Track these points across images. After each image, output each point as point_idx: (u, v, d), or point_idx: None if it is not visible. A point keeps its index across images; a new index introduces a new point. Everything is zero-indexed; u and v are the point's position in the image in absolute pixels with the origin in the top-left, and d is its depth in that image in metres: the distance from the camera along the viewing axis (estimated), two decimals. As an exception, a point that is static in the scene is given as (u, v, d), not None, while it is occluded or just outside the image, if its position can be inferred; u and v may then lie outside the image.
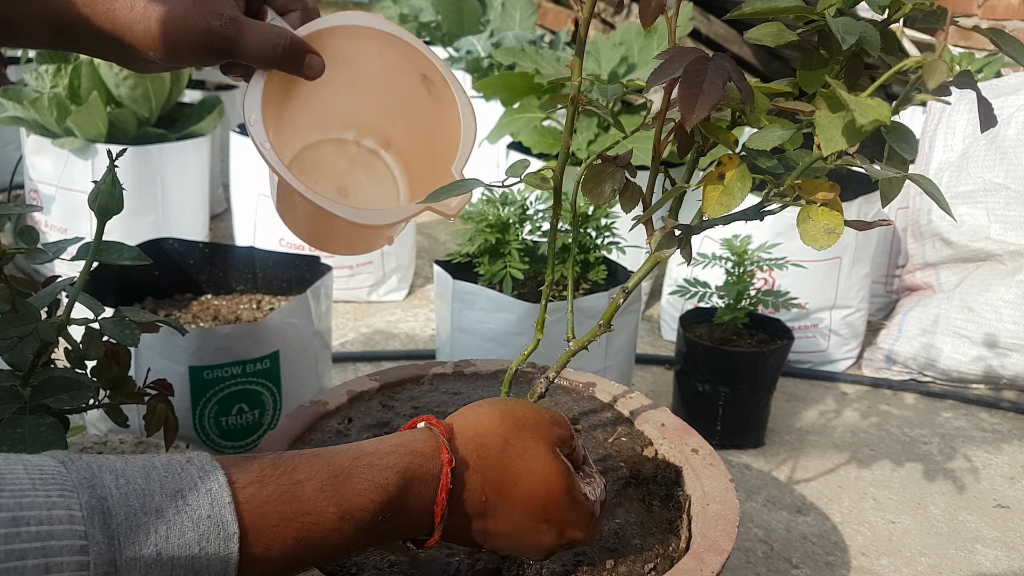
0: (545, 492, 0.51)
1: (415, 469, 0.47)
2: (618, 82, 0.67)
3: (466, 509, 0.49)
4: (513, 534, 0.51)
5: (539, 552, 0.52)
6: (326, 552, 0.43)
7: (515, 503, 0.50)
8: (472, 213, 1.19)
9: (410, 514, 0.47)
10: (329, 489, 0.43)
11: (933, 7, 0.47)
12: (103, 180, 0.60)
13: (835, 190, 0.48)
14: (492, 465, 0.50)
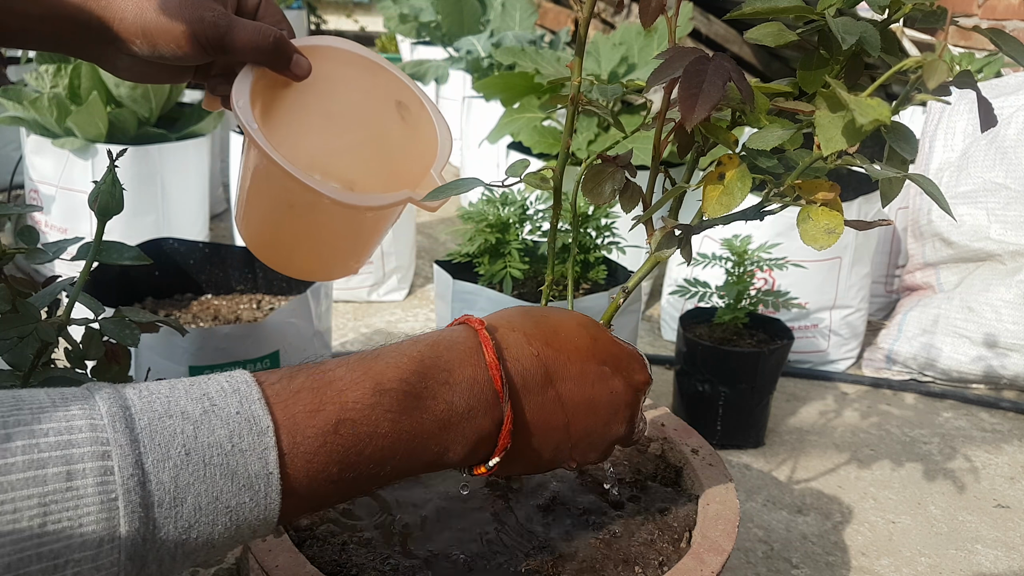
0: (585, 328, 0.49)
1: (447, 338, 0.45)
2: (618, 82, 0.67)
3: (525, 371, 0.46)
4: (586, 394, 0.48)
5: (618, 420, 0.49)
6: (379, 442, 0.40)
7: (567, 350, 0.47)
8: (472, 213, 1.19)
9: (460, 386, 0.43)
10: (359, 367, 0.41)
11: (933, 7, 0.47)
12: (103, 180, 0.60)
13: (835, 190, 0.48)
14: (526, 325, 0.48)
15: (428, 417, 0.42)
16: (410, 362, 0.43)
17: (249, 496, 0.36)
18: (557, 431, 0.47)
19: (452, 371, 0.44)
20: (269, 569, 0.53)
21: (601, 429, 0.49)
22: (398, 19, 3.44)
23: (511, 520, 0.62)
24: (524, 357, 0.46)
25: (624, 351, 0.51)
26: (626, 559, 0.58)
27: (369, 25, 7.13)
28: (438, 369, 0.43)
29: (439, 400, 0.43)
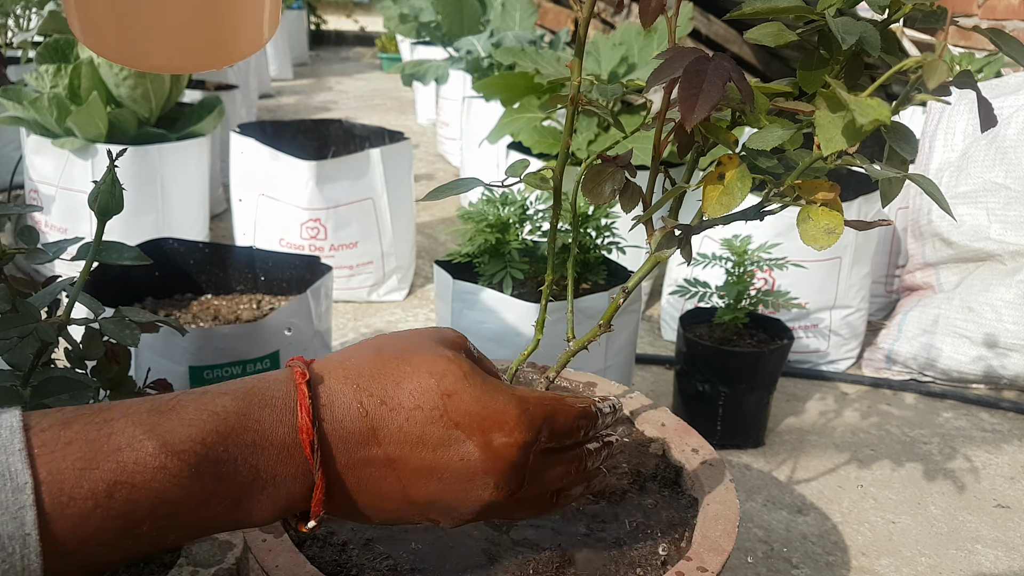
0: (438, 382, 0.41)
1: (260, 390, 0.39)
2: (618, 82, 0.67)
3: (346, 432, 0.40)
4: (427, 460, 0.41)
5: (476, 487, 0.42)
6: (166, 509, 0.35)
7: (406, 408, 0.41)
8: (472, 213, 1.19)
9: (268, 450, 0.38)
10: (148, 422, 0.35)
11: (933, 7, 0.47)
12: (103, 180, 0.60)
13: (835, 190, 0.48)
14: (364, 373, 0.41)
15: (227, 484, 0.37)
16: (211, 419, 0.37)
17: (1, 558, 0.31)
18: (392, 497, 0.42)
19: (261, 432, 0.38)
20: (269, 569, 0.53)
21: (452, 497, 0.42)
22: (398, 19, 3.44)
23: (512, 523, 0.62)
24: (349, 417, 0.40)
25: (488, 410, 0.42)
26: (627, 560, 0.58)
27: (369, 25, 7.13)
28: (244, 430, 0.38)
29: (241, 465, 0.37)
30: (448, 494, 0.42)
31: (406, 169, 1.80)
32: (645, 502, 0.66)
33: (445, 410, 0.41)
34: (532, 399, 0.44)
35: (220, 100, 1.98)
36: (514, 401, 0.43)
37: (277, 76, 4.85)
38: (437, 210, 2.53)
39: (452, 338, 0.47)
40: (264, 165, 1.71)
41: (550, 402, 0.45)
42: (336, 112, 4.04)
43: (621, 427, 0.76)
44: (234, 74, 2.93)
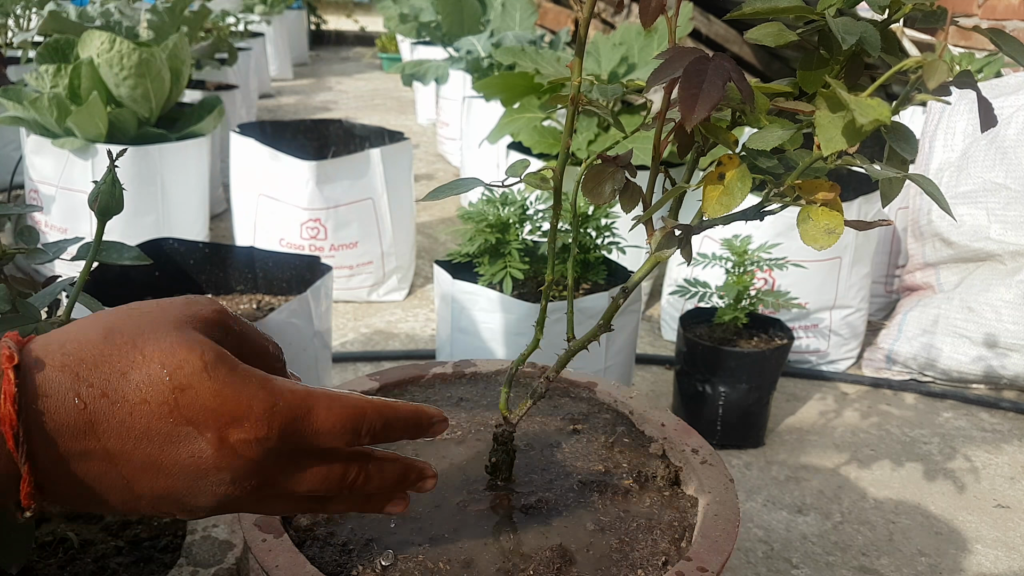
0: (171, 374, 0.38)
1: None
2: (618, 82, 0.67)
3: (60, 426, 0.36)
4: (152, 456, 0.38)
5: (210, 483, 0.39)
6: None
7: (130, 402, 0.37)
8: (472, 213, 1.19)
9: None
10: None
11: (933, 7, 0.47)
12: (103, 180, 0.60)
13: (835, 190, 0.48)
14: (87, 360, 0.37)
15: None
16: None
17: None
18: (115, 490, 0.38)
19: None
20: (269, 569, 0.53)
21: (184, 492, 0.39)
22: (398, 19, 3.44)
23: (512, 523, 0.62)
24: (63, 410, 0.36)
25: (227, 405, 0.38)
26: (627, 560, 0.58)
27: (369, 25, 7.13)
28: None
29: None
30: (178, 489, 0.39)
31: (406, 169, 1.80)
32: (645, 502, 0.66)
33: (176, 405, 0.38)
34: (287, 393, 0.40)
35: (220, 100, 1.98)
36: (262, 395, 0.39)
37: (277, 76, 4.85)
38: (437, 210, 2.53)
39: (204, 315, 0.41)
40: (264, 165, 1.71)
41: (311, 399, 0.40)
42: (336, 112, 4.04)
43: (621, 427, 0.76)
44: (234, 74, 2.93)
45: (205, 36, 2.79)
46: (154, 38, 2.19)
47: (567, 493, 0.65)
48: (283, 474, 0.41)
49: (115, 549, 0.70)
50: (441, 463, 0.68)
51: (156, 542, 0.72)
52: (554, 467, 0.69)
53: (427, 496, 0.64)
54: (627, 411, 0.78)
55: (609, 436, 0.74)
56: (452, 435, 0.73)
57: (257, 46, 3.89)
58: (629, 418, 0.77)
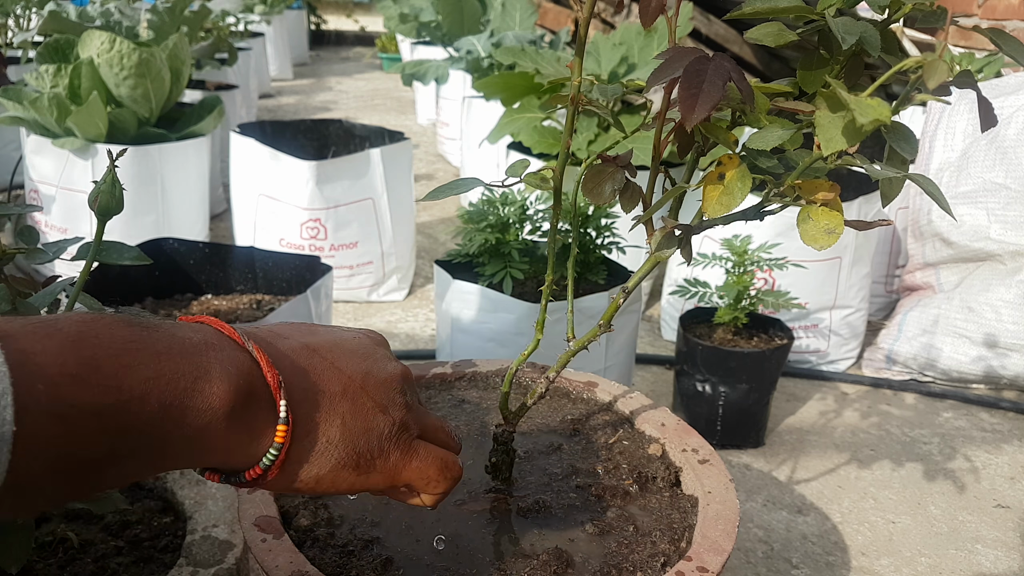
0: (359, 343, 0.47)
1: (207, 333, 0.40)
2: (618, 82, 0.67)
3: (276, 335, 0.43)
4: (353, 350, 0.46)
5: (393, 391, 0.46)
6: (116, 344, 0.35)
7: (340, 361, 0.45)
8: (472, 213, 1.19)
9: (206, 328, 0.40)
10: None
11: (933, 7, 0.47)
12: (103, 180, 0.60)
13: (835, 190, 0.48)
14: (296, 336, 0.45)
15: (178, 338, 0.37)
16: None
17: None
18: (326, 373, 0.44)
19: (194, 327, 0.40)
20: (269, 569, 0.53)
21: (377, 368, 0.47)
22: (398, 19, 3.44)
23: (511, 525, 0.62)
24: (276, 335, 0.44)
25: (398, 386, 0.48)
26: (627, 560, 0.58)
27: (369, 25, 7.13)
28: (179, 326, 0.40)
29: (187, 330, 0.39)
30: (374, 367, 0.46)
31: (406, 169, 1.80)
32: (645, 502, 0.66)
33: (374, 344, 0.49)
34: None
35: (220, 100, 1.98)
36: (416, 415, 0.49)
37: (277, 76, 4.85)
38: (437, 210, 2.53)
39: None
40: (264, 165, 1.71)
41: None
42: (336, 112, 4.04)
43: (621, 427, 0.76)
44: (234, 74, 2.93)
45: (205, 36, 2.79)
46: (154, 38, 2.19)
47: (567, 494, 0.65)
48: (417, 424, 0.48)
49: (115, 549, 0.70)
50: (441, 463, 0.68)
51: (156, 542, 0.72)
52: (554, 468, 0.69)
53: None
54: (627, 411, 0.78)
55: (609, 436, 0.74)
56: (452, 435, 0.73)
57: (257, 46, 3.89)
58: (629, 418, 0.77)
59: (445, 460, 0.48)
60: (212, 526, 0.72)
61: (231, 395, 0.38)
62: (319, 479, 0.43)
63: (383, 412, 0.45)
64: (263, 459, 0.40)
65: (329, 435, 0.42)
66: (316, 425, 0.42)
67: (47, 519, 0.73)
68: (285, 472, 0.41)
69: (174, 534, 0.73)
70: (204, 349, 0.38)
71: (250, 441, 0.40)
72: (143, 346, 0.36)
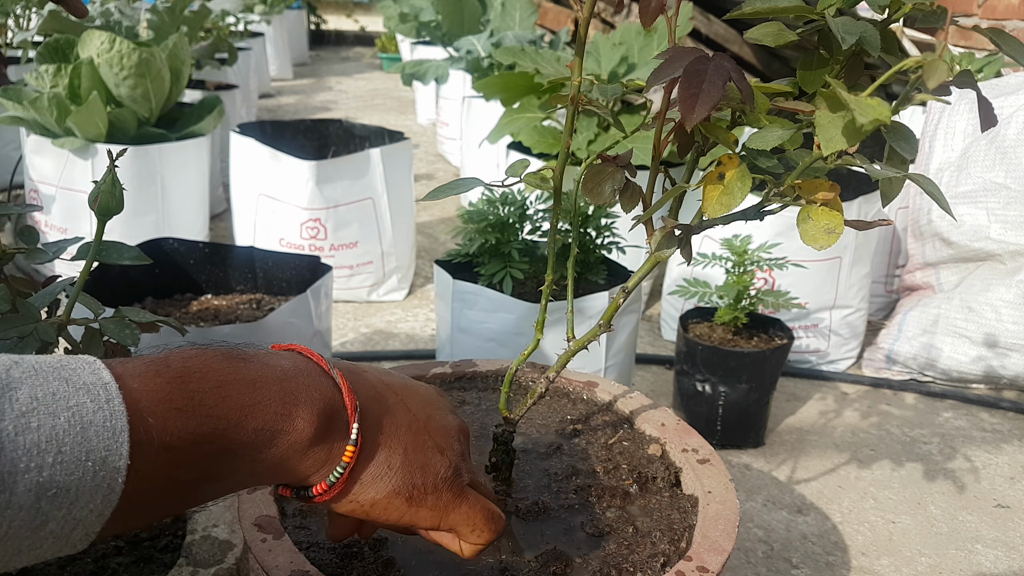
0: (425, 391, 0.51)
1: (298, 361, 0.44)
2: (618, 82, 0.67)
3: (358, 375, 0.47)
4: (420, 396, 0.50)
5: (452, 439, 0.50)
6: (215, 376, 0.39)
7: (408, 400, 0.49)
8: (472, 213, 1.19)
9: (295, 357, 0.44)
10: None
11: (933, 7, 0.47)
12: (103, 180, 0.60)
13: (835, 190, 0.48)
14: (372, 379, 0.49)
15: (272, 366, 0.42)
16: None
17: (89, 398, 0.34)
18: (398, 411, 0.48)
19: (285, 355, 0.44)
20: (269, 569, 0.53)
21: (439, 419, 0.51)
22: (398, 19, 3.44)
23: (510, 525, 0.62)
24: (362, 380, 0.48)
25: (456, 436, 0.51)
26: (627, 560, 0.58)
27: (369, 25, 7.13)
28: (274, 354, 0.44)
29: (281, 358, 0.43)
30: (437, 413, 0.51)
31: (406, 169, 1.80)
32: (645, 502, 0.66)
33: (439, 394, 0.54)
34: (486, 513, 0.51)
35: (220, 100, 1.98)
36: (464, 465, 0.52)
37: (277, 76, 4.85)
38: (437, 210, 2.53)
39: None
40: (264, 165, 1.71)
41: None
42: (336, 112, 4.04)
43: (621, 427, 0.76)
44: (234, 74, 2.93)
45: (205, 36, 2.79)
46: (154, 38, 2.19)
47: (566, 494, 0.65)
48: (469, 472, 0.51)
49: (115, 549, 0.70)
50: (441, 463, 0.68)
51: (156, 542, 0.72)
52: (553, 468, 0.69)
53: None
54: (627, 411, 0.78)
55: (609, 436, 0.74)
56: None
57: (257, 46, 3.89)
58: (629, 418, 0.77)
59: (492, 511, 0.50)
60: (212, 526, 0.72)
61: (315, 419, 0.42)
62: (375, 503, 0.46)
63: (441, 454, 0.48)
64: (330, 476, 0.44)
65: (391, 461, 0.46)
66: (380, 450, 0.46)
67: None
68: (347, 490, 0.45)
69: (174, 534, 0.73)
70: (294, 375, 0.42)
71: (326, 460, 0.43)
72: (239, 376, 0.40)
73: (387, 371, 0.52)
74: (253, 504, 0.59)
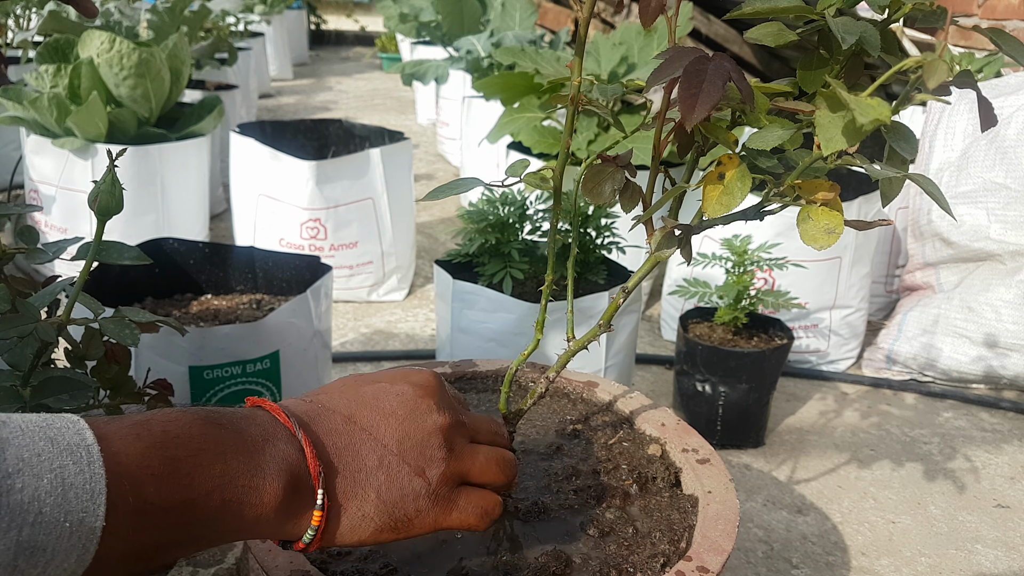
0: (412, 385, 0.50)
1: (252, 416, 0.45)
2: (618, 82, 0.67)
3: (317, 412, 0.47)
4: (385, 454, 0.47)
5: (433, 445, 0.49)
6: (192, 443, 0.40)
7: (378, 430, 0.48)
8: (472, 213, 1.19)
9: (258, 418, 0.44)
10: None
11: (933, 7, 0.47)
12: (103, 180, 0.60)
13: (835, 190, 0.48)
14: (337, 402, 0.49)
15: (242, 436, 0.42)
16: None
17: (72, 460, 0.35)
18: (366, 447, 0.47)
19: (246, 414, 0.45)
20: (269, 569, 0.53)
21: (414, 428, 0.50)
22: (398, 19, 3.44)
23: (510, 526, 0.62)
24: (324, 413, 0.48)
25: (452, 400, 0.52)
26: (626, 560, 0.58)
27: (369, 25, 7.13)
28: (236, 414, 0.44)
29: (243, 424, 0.44)
30: (412, 428, 0.49)
31: (406, 169, 1.80)
32: (645, 503, 0.66)
33: (418, 394, 0.51)
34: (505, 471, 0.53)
35: (220, 100, 1.98)
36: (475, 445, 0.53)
37: (277, 76, 4.85)
38: (437, 210, 2.53)
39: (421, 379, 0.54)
40: (264, 165, 1.71)
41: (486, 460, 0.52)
42: (336, 112, 4.04)
43: (621, 427, 0.76)
44: (234, 74, 2.93)
45: (205, 36, 2.79)
46: (154, 38, 2.19)
47: (566, 495, 0.65)
48: (466, 454, 0.51)
49: (115, 549, 0.70)
50: (441, 463, 0.68)
51: (156, 542, 0.72)
52: (553, 468, 0.69)
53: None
54: (627, 411, 0.78)
55: (609, 437, 0.74)
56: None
57: (257, 46, 3.89)
58: (629, 418, 0.77)
59: (485, 508, 0.51)
60: (212, 526, 0.72)
61: (281, 491, 0.43)
62: (362, 542, 0.47)
63: (420, 475, 0.48)
64: (303, 536, 0.45)
65: (364, 511, 0.46)
66: (351, 503, 0.46)
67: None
68: (327, 542, 0.46)
69: (174, 534, 0.73)
70: (263, 445, 0.43)
71: (296, 523, 0.44)
72: (214, 445, 0.41)
73: (358, 390, 0.50)
74: (253, 504, 0.59)
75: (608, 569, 0.57)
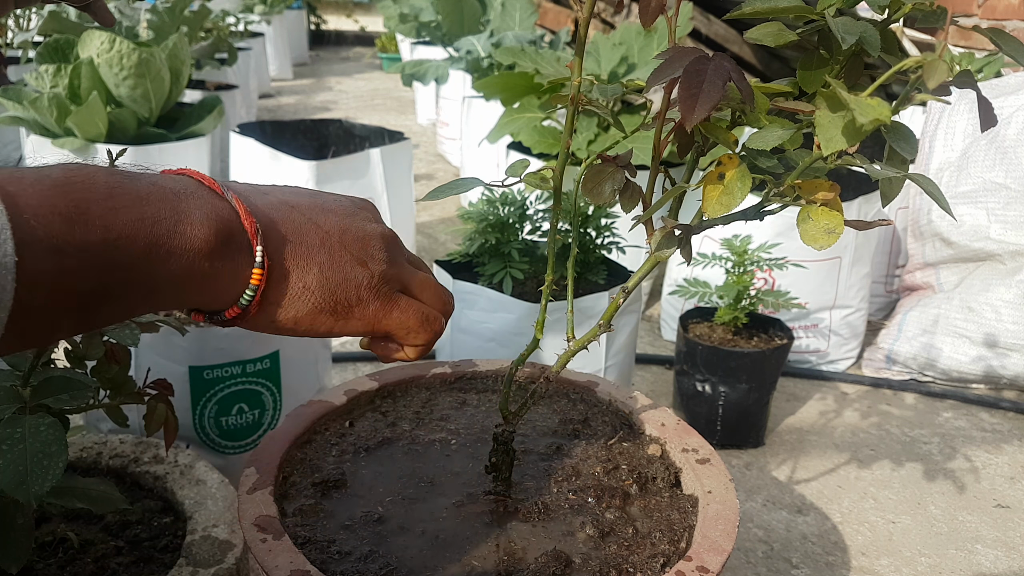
0: (340, 205, 0.49)
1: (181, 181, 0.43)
2: (618, 82, 0.67)
3: (256, 191, 0.45)
4: (329, 207, 0.48)
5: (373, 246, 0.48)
6: (100, 189, 0.37)
7: (318, 219, 0.47)
8: (472, 213, 1.19)
9: (182, 179, 0.42)
10: None
11: (933, 7, 0.47)
12: (103, 180, 0.59)
13: (835, 190, 0.48)
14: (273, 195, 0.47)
15: (157, 182, 0.40)
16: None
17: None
18: (306, 227, 0.46)
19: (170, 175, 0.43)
20: (269, 569, 0.53)
21: (352, 224, 0.49)
22: (398, 19, 3.44)
23: (509, 525, 0.62)
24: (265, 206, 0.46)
25: (385, 228, 0.52)
26: (626, 560, 0.58)
27: (369, 25, 7.13)
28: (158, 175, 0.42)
29: (164, 179, 0.41)
30: (352, 225, 0.49)
31: (406, 169, 1.80)
32: (645, 503, 0.66)
33: (357, 204, 0.52)
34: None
35: (220, 100, 1.99)
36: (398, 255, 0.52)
37: (277, 76, 4.85)
38: (437, 210, 2.53)
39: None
40: (264, 165, 1.71)
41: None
42: (336, 112, 4.04)
43: (621, 427, 0.76)
44: (234, 74, 2.93)
45: (205, 36, 2.79)
46: (154, 38, 2.19)
47: (566, 495, 0.65)
48: (402, 269, 0.51)
49: (115, 549, 0.70)
50: (440, 463, 0.68)
51: (156, 542, 0.72)
52: (553, 469, 0.69)
53: (426, 497, 0.64)
54: (627, 411, 0.78)
55: (609, 437, 0.74)
56: (451, 435, 0.73)
57: (257, 46, 3.89)
58: (629, 418, 0.77)
59: (426, 314, 0.51)
60: (212, 526, 0.73)
61: (210, 237, 0.41)
62: (297, 320, 0.46)
63: (362, 265, 0.48)
64: (240, 299, 0.43)
65: (306, 281, 0.45)
66: (292, 271, 0.45)
67: (47, 519, 0.73)
68: (264, 312, 0.45)
69: (174, 534, 0.73)
70: (184, 196, 0.41)
71: (231, 283, 0.42)
72: (127, 191, 0.38)
73: (295, 190, 0.50)
74: (253, 504, 0.59)
75: (608, 569, 0.57)
